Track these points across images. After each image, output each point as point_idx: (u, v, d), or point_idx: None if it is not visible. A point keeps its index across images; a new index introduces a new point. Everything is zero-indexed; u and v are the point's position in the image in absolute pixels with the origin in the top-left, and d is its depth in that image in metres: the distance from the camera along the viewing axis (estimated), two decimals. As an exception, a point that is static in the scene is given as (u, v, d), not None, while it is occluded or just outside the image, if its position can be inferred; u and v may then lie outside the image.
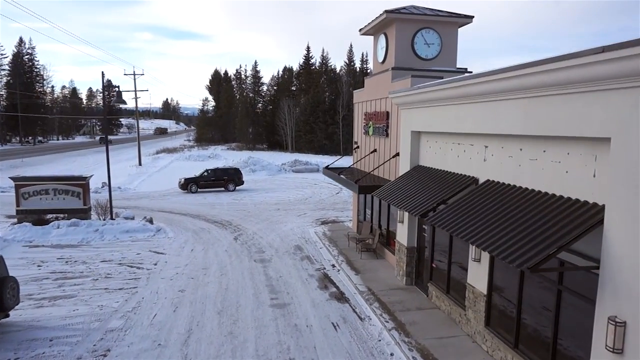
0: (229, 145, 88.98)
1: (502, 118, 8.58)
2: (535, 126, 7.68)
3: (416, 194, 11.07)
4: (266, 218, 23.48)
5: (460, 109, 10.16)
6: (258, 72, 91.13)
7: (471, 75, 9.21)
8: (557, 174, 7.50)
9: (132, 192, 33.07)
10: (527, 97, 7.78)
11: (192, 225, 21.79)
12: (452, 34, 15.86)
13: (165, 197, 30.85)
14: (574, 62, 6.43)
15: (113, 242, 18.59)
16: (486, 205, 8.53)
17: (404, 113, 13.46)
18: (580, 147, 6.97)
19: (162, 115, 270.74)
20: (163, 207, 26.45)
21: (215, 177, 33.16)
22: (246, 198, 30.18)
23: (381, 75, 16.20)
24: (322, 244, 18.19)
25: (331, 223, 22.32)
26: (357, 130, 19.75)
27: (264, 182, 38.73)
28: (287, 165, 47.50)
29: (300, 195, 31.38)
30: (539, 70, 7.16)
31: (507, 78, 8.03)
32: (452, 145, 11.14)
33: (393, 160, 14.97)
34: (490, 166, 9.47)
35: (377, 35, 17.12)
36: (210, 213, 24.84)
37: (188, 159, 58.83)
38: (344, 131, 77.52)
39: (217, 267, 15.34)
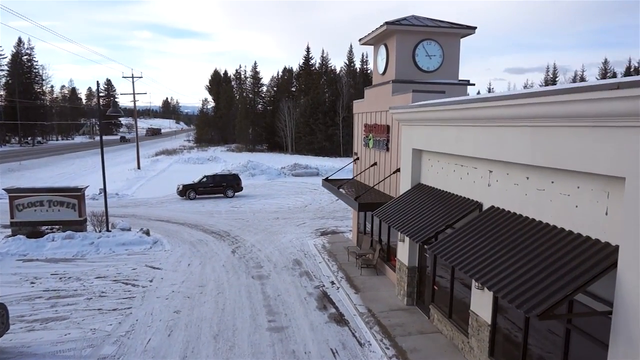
0: (229, 147, 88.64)
1: (507, 145, 8.24)
2: (542, 157, 7.34)
3: (418, 217, 10.73)
4: (265, 228, 23.15)
5: (462, 131, 9.81)
6: (258, 73, 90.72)
7: (474, 98, 8.87)
8: (566, 208, 7.16)
9: (130, 198, 32.73)
10: (534, 125, 7.43)
11: (189, 236, 21.46)
12: (454, 45, 15.51)
13: (163, 204, 30.52)
14: (586, 96, 6.08)
15: (109, 255, 18.26)
16: (491, 237, 8.19)
17: (405, 129, 13.12)
18: (592, 182, 6.63)
19: (162, 114, 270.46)
20: (160, 216, 26.12)
21: (214, 184, 32.82)
22: (245, 205, 29.84)
23: (381, 87, 15.85)
24: (322, 258, 17.86)
25: (331, 234, 21.99)
26: (357, 141, 19.41)
27: (263, 187, 38.39)
28: (287, 169, 47.16)
29: (299, 202, 31.05)
30: (547, 101, 6.82)
31: (513, 105, 7.69)
32: (454, 166, 10.80)
33: (394, 175, 14.64)
34: (495, 192, 9.14)
35: (378, 45, 16.78)
36: (208, 222, 24.51)
37: (187, 161, 58.47)
38: (344, 132, 77.17)
39: (214, 285, 15.01)
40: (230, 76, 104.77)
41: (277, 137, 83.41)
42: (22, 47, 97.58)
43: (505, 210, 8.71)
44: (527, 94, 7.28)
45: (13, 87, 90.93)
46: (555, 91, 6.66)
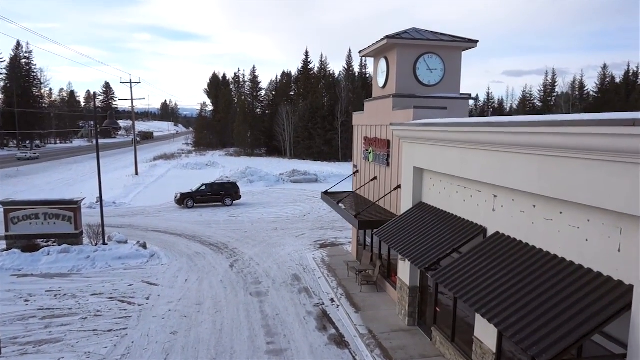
0: (227, 151, 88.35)
1: (513, 172, 7.99)
2: (550, 187, 7.09)
3: (420, 240, 10.49)
4: (263, 240, 22.87)
5: (466, 153, 9.57)
6: (257, 77, 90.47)
7: (479, 122, 8.63)
8: (575, 240, 6.92)
9: (127, 207, 32.44)
10: (542, 154, 7.19)
11: (187, 249, 21.18)
12: (456, 59, 15.30)
13: (160, 213, 30.23)
14: (599, 130, 5.84)
15: (105, 270, 17.97)
16: (497, 266, 7.94)
17: (406, 146, 12.88)
18: (603, 216, 6.39)
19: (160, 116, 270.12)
20: (158, 226, 25.83)
21: (212, 192, 32.55)
22: (243, 215, 29.56)
23: (382, 101, 15.62)
24: (321, 273, 17.59)
25: (330, 246, 21.73)
26: (356, 153, 19.17)
27: (262, 195, 38.13)
28: (286, 175, 46.91)
29: (298, 211, 30.79)
30: (557, 132, 6.59)
31: (520, 133, 7.45)
32: (457, 187, 10.56)
33: (395, 191, 14.39)
34: (500, 217, 8.89)
35: (378, 58, 16.56)
36: (206, 233, 24.23)
37: (185, 167, 58.20)
38: (343, 137, 76.98)
39: (212, 303, 14.73)
40: (229, 79, 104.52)
41: (275, 142, 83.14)
42: (21, 51, 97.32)
43: (510, 238, 8.47)
44: (535, 122, 7.04)
45: (11, 90, 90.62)
46: (565, 122, 6.42)
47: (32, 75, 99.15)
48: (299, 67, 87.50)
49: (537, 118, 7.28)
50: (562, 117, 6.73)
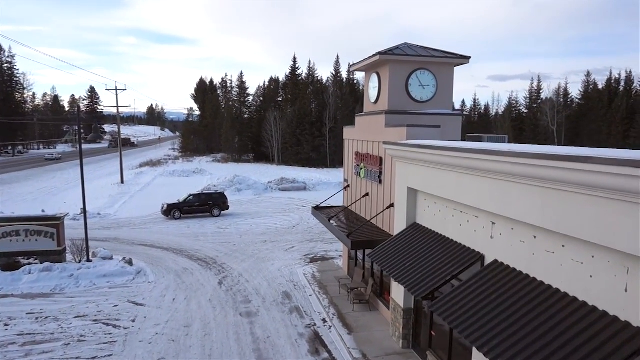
0: (214, 157, 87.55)
1: (513, 202, 7.80)
2: (552, 221, 6.91)
3: (415, 265, 10.25)
4: (252, 254, 22.47)
5: (463, 178, 9.37)
6: (244, 83, 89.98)
7: (477, 149, 8.42)
8: (578, 275, 6.74)
9: (113, 218, 31.73)
10: (545, 187, 7.01)
11: (174, 264, 20.67)
12: (448, 75, 15.17)
13: (146, 224, 29.60)
14: (606, 169, 5.66)
15: (89, 289, 17.41)
16: (497, 298, 7.72)
17: (400, 166, 12.67)
18: (608, 254, 6.21)
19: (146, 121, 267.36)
20: (144, 240, 25.26)
21: (200, 203, 32.02)
22: (231, 226, 29.09)
23: (374, 117, 15.42)
24: (312, 290, 17.26)
25: (320, 260, 21.41)
26: (347, 167, 18.92)
27: (250, 204, 37.68)
28: (274, 183, 46.50)
29: (287, 222, 30.43)
30: (561, 167, 6.40)
31: (521, 164, 7.26)
32: (453, 211, 10.36)
33: (388, 210, 14.16)
34: (499, 245, 8.70)
35: (369, 73, 16.36)
36: (194, 247, 23.73)
37: (172, 174, 57.38)
38: (331, 143, 76.86)
39: (200, 324, 14.30)
40: (216, 85, 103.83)
41: (263, 148, 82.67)
42: (3, 55, 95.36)
43: (510, 268, 8.27)
44: (536, 154, 6.85)
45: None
46: (568, 157, 6.23)
47: (14, 80, 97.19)
48: (287, 73, 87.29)
49: (538, 149, 7.10)
50: (564, 150, 6.55)
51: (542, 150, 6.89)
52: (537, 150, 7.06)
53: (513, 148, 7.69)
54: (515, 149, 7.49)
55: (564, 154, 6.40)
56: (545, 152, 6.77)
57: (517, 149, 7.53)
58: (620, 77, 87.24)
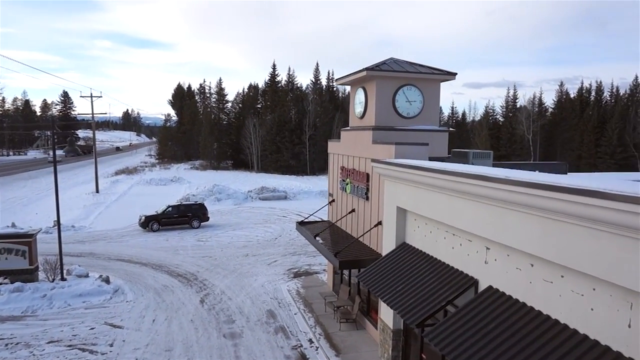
0: (192, 164, 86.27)
1: (510, 229, 7.66)
2: (553, 251, 6.78)
3: (407, 289, 10.03)
4: (234, 269, 21.95)
5: (456, 202, 9.22)
6: (223, 89, 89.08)
7: (472, 174, 8.26)
8: (579, 308, 6.61)
9: (88, 231, 30.67)
10: (544, 217, 6.88)
11: (153, 281, 20.00)
12: (434, 90, 15.13)
13: (123, 237, 28.70)
14: (610, 204, 5.54)
15: (63, 310, 16.62)
16: (495, 328, 7.54)
17: (389, 185, 12.48)
18: (611, 288, 6.09)
19: (122, 126, 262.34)
20: (121, 254, 24.44)
21: (179, 214, 31.26)
22: (212, 238, 28.47)
23: (360, 132, 15.23)
24: (297, 308, 16.89)
25: (304, 275, 21.06)
26: (332, 182, 18.67)
27: (230, 215, 37.05)
28: (254, 192, 45.93)
29: (269, 234, 29.97)
30: (562, 199, 6.27)
31: (519, 193, 7.12)
32: (445, 233, 10.20)
33: (375, 227, 13.95)
34: (494, 271, 8.55)
35: (355, 87, 16.20)
36: (174, 262, 23.06)
37: (149, 182, 56.15)
38: (311, 151, 76.68)
39: (183, 348, 13.77)
40: (194, 90, 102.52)
41: (242, 155, 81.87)
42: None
43: (506, 295, 8.12)
44: (537, 184, 6.71)
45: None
46: (571, 190, 6.11)
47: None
48: (266, 80, 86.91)
49: (536, 178, 6.96)
50: (566, 181, 6.43)
51: (542, 180, 6.76)
52: (534, 178, 6.93)
53: (510, 175, 7.55)
54: (513, 177, 7.35)
55: (565, 185, 6.28)
56: (546, 182, 6.64)
57: (515, 176, 7.39)
58: (591, 86, 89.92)
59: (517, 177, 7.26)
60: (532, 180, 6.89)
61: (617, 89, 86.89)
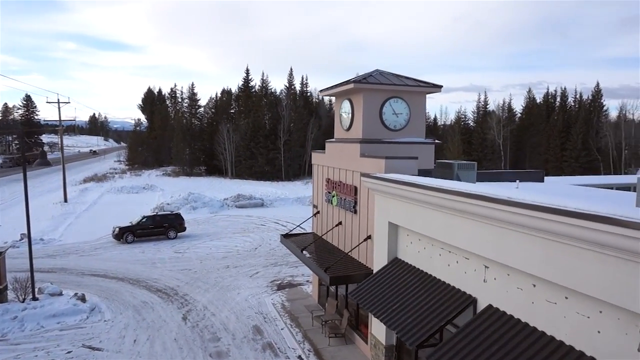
0: (164, 170, 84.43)
1: (511, 250, 7.66)
2: (557, 274, 6.80)
3: (404, 308, 9.94)
4: (215, 282, 21.43)
5: (452, 220, 9.19)
6: (195, 94, 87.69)
7: (472, 194, 8.24)
8: (585, 330, 6.64)
9: (58, 244, 29.41)
10: (548, 239, 6.89)
11: (132, 297, 19.28)
12: (421, 103, 15.19)
13: (97, 250, 27.65)
14: (617, 230, 5.58)
15: (36, 333, 15.79)
16: (498, 350, 7.51)
17: (380, 199, 12.40)
18: (618, 311, 6.14)
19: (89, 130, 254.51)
20: (96, 269, 23.51)
21: (154, 225, 30.38)
22: (190, 250, 27.78)
23: (347, 145, 15.12)
24: (283, 323, 16.59)
25: (288, 287, 20.76)
26: (316, 193, 18.48)
27: (207, 224, 36.31)
28: (230, 200, 45.22)
29: (248, 244, 29.48)
30: (567, 222, 6.29)
31: (521, 215, 7.11)
32: (440, 250, 10.17)
33: (365, 242, 13.84)
34: (493, 289, 8.55)
35: (341, 99, 16.10)
36: (152, 276, 22.34)
37: (120, 191, 54.52)
38: (286, 156, 76.31)
39: (167, 370, 13.28)
40: (165, 95, 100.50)
41: (215, 161, 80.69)
42: None
43: (507, 314, 8.11)
44: (540, 207, 6.71)
45: None
46: (578, 215, 6.13)
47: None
48: (240, 85, 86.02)
49: (540, 201, 6.97)
50: (572, 205, 6.44)
51: (546, 203, 6.76)
52: (538, 201, 6.93)
53: (511, 196, 7.55)
54: (516, 199, 7.35)
55: (572, 209, 6.30)
56: (551, 205, 6.65)
57: (516, 198, 7.39)
58: (556, 92, 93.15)
59: (521, 199, 7.26)
60: (537, 203, 6.90)
61: (580, 95, 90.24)
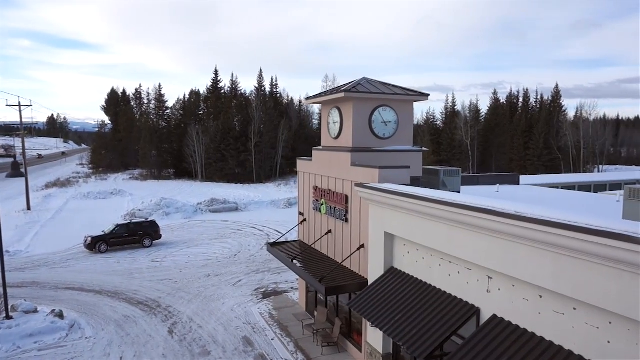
0: (131, 174, 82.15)
1: (519, 263, 7.85)
2: (567, 287, 7.01)
3: (407, 318, 10.03)
4: (198, 292, 21.00)
5: (456, 232, 9.33)
6: (163, 96, 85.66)
7: (477, 207, 8.39)
8: (593, 340, 6.88)
9: (25, 256, 28.08)
10: (558, 253, 7.10)
11: (112, 311, 18.63)
12: (409, 111, 15.36)
13: (68, 262, 26.57)
14: (632, 247, 5.80)
15: (13, 355, 15.01)
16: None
17: (375, 209, 12.46)
18: (628, 322, 6.39)
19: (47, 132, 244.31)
20: (70, 282, 22.58)
21: (128, 233, 29.46)
22: (167, 258, 27.12)
23: (336, 153, 15.12)
24: (273, 333, 16.44)
25: (273, 295, 20.57)
26: (302, 201, 18.40)
27: (182, 230, 35.56)
28: (204, 204, 44.41)
29: (227, 250, 29.04)
30: (580, 238, 6.49)
31: (531, 230, 7.29)
32: (440, 261, 10.32)
33: (358, 251, 13.88)
34: (497, 299, 8.73)
35: (329, 107, 16.08)
36: (131, 287, 21.66)
37: (87, 196, 52.59)
38: (257, 158, 75.68)
39: (159, 388, 12.90)
40: (130, 95, 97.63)
41: (185, 164, 79.11)
42: None
43: (513, 324, 8.31)
44: (552, 222, 6.91)
45: None
46: (588, 230, 6.34)
47: None
48: (208, 86, 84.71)
49: (549, 216, 7.16)
50: (583, 221, 6.65)
51: (556, 218, 6.96)
52: (549, 217, 7.12)
53: (519, 210, 7.73)
54: (523, 213, 7.53)
55: (584, 226, 6.51)
56: (560, 220, 6.85)
57: (525, 213, 7.56)
58: (519, 93, 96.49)
59: (529, 214, 7.44)
60: (547, 219, 7.09)
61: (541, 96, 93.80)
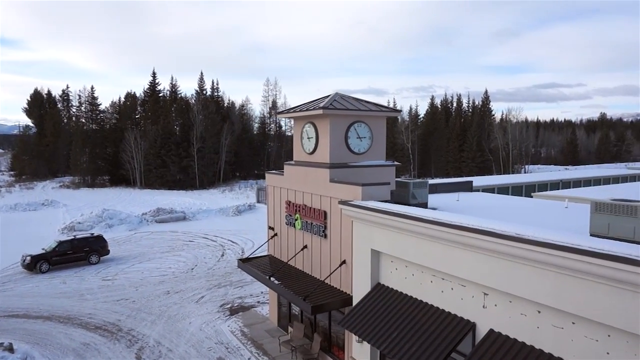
0: (61, 182, 76.71)
1: (520, 282, 8.32)
2: (569, 304, 7.54)
3: (404, 335, 10.26)
4: (161, 311, 20.07)
5: (452, 251, 9.70)
6: (96, 99, 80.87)
7: (475, 228, 8.79)
8: (593, 352, 7.46)
9: (-47, 280, 25.34)
10: (559, 272, 7.61)
11: (68, 339, 17.31)
12: (381, 126, 15.72)
13: (6, 285, 24.32)
14: (631, 269, 6.38)
15: (-38, 396, 13.55)
16: (514, 376, 8.13)
17: (360, 226, 12.63)
18: (627, 335, 7.00)
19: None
20: (13, 308, 20.68)
21: (73, 250, 27.51)
22: (119, 275, 25.65)
23: (312, 169, 15.13)
24: (249, 352, 16.11)
25: (241, 311, 20.13)
26: (273, 215, 18.19)
27: (129, 243, 33.79)
28: (149, 214, 42.49)
29: (182, 264, 27.99)
30: (582, 260, 7.02)
31: (532, 251, 7.77)
32: (432, 277, 10.67)
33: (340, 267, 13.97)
34: (494, 315, 9.19)
35: (302, 122, 16.05)
36: (84, 310, 20.24)
37: (14, 208, 48.37)
38: (199, 164, 73.65)
39: (138, 422, 12.20)
40: (56, 97, 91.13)
41: (122, 170, 75.23)
42: None
43: (510, 339, 8.77)
44: (552, 245, 7.39)
45: None
46: (592, 253, 6.87)
47: None
48: (146, 89, 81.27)
49: (551, 239, 7.65)
50: (586, 244, 7.19)
51: (560, 242, 7.45)
52: (553, 239, 7.60)
53: (520, 232, 8.19)
54: (525, 236, 7.98)
55: (587, 249, 7.04)
56: (560, 242, 7.34)
57: (527, 235, 8.01)
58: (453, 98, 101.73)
59: (531, 236, 7.90)
60: (547, 241, 7.57)
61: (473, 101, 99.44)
